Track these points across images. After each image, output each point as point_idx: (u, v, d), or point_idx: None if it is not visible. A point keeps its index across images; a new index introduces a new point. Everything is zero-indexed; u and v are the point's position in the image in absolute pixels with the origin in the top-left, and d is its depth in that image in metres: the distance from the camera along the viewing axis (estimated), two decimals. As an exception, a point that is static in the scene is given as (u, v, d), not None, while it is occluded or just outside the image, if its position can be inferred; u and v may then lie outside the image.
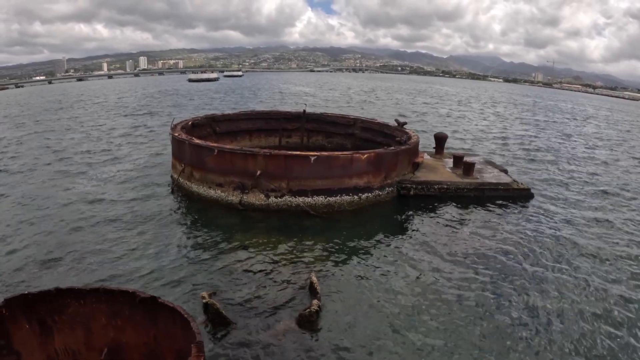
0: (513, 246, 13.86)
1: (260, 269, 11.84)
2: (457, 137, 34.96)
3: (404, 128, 22.00)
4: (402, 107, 62.33)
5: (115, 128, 38.72)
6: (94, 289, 6.16)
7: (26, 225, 14.92)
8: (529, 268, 12.44)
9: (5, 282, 10.94)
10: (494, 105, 77.59)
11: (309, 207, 15.94)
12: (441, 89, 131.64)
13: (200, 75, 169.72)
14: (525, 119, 54.45)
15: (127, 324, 6.16)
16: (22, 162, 24.61)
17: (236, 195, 16.26)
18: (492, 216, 16.50)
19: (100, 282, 11.03)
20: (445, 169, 20.07)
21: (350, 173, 16.45)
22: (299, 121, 26.10)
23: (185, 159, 17.76)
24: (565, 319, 10.01)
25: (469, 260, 12.74)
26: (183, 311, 5.59)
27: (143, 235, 14.12)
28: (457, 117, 51.24)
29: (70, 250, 12.80)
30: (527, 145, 33.87)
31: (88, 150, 27.93)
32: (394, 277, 11.72)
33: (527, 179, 21.88)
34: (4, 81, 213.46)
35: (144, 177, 20.97)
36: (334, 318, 9.72)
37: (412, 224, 15.73)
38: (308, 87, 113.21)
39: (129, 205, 16.82)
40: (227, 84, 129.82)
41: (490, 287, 11.30)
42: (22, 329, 5.91)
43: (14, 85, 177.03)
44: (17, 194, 18.22)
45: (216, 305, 9.27)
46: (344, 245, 13.63)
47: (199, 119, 23.65)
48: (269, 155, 16.00)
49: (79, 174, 21.62)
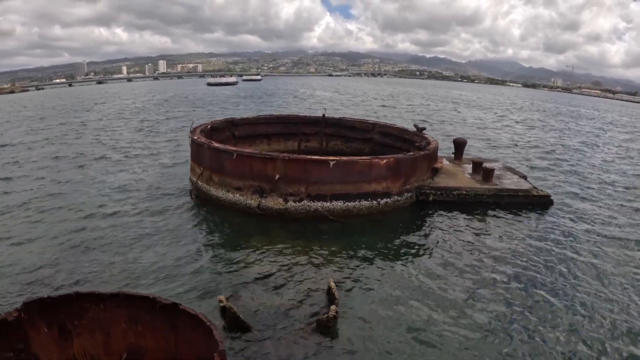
0: (532, 254, 13.64)
1: (278, 274, 11.79)
2: (477, 143, 34.69)
3: (423, 133, 21.86)
4: (421, 112, 62.04)
5: (134, 130, 38.98)
6: (113, 294, 6.13)
7: (43, 225, 15.05)
8: (547, 277, 12.24)
9: (22, 284, 10.99)
10: (513, 111, 76.97)
11: (328, 212, 15.87)
12: (460, 94, 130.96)
13: (219, 79, 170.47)
14: (546, 125, 53.95)
15: (146, 330, 6.12)
16: (41, 164, 24.85)
17: (255, 199, 16.23)
18: (511, 223, 16.28)
19: (117, 283, 11.07)
20: (464, 175, 19.90)
21: (369, 178, 16.35)
22: (317, 125, 26.05)
23: (204, 162, 17.77)
24: (582, 330, 9.84)
25: (487, 269, 12.57)
26: (205, 318, 5.53)
27: (161, 238, 14.14)
28: (476, 123, 50.88)
29: (86, 252, 12.88)
30: (547, 151, 33.50)
31: (106, 152, 28.15)
32: (412, 284, 11.59)
33: (547, 185, 21.62)
34: (25, 83, 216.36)
35: (163, 180, 21.04)
36: (351, 324, 9.63)
37: (431, 230, 15.59)
38: (326, 92, 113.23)
39: (147, 208, 16.87)
40: (245, 88, 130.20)
41: (509, 295, 11.12)
42: (41, 333, 5.89)
43: (35, 88, 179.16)
44: (35, 197, 18.35)
45: (233, 309, 9.23)
46: (362, 251, 13.52)
47: (218, 123, 23.68)
48: (288, 159, 15.96)
49: (97, 176, 21.77)
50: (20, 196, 18.29)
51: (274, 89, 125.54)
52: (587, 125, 57.74)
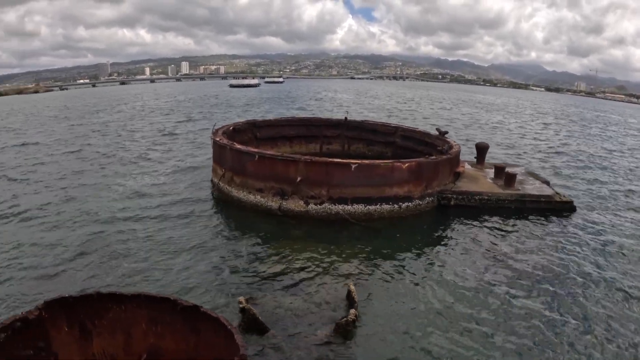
0: (554, 262, 13.40)
1: (298, 276, 11.76)
2: (499, 147, 34.40)
3: (445, 137, 21.73)
4: (443, 116, 61.74)
5: (156, 131, 39.27)
6: (135, 295, 6.14)
7: (64, 226, 15.18)
8: (568, 285, 12.04)
9: (43, 284, 11.10)
10: (538, 116, 76.25)
11: (349, 215, 15.81)
12: (483, 97, 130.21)
13: (241, 80, 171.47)
14: (570, 130, 53.37)
15: (167, 331, 6.12)
16: (62, 165, 25.14)
17: (276, 201, 16.24)
18: (533, 229, 16.06)
19: (136, 283, 11.12)
20: (486, 180, 19.72)
21: (390, 182, 16.28)
22: (339, 128, 26.03)
23: (226, 163, 17.82)
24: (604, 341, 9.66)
25: (508, 275, 12.40)
26: (226, 322, 5.50)
27: (181, 238, 14.19)
28: (499, 127, 50.49)
29: (107, 252, 12.95)
30: (571, 157, 33.08)
31: (127, 153, 28.41)
32: (432, 289, 11.47)
33: (570, 191, 21.33)
34: (49, 83, 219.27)
35: (184, 181, 21.16)
36: (371, 328, 9.56)
37: (452, 235, 15.46)
38: (348, 94, 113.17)
39: (168, 209, 16.96)
40: (267, 90, 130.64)
41: (528, 306, 10.92)
42: (62, 332, 5.90)
43: (59, 88, 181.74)
44: (56, 197, 18.55)
45: (253, 311, 9.22)
46: (383, 255, 13.44)
47: (240, 124, 23.77)
48: (310, 162, 15.95)
49: (118, 177, 21.93)
50: (40, 197, 18.46)
51: (296, 91, 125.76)
52: (612, 131, 56.97)
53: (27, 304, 9.68)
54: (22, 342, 5.46)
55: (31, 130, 40.96)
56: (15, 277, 11.32)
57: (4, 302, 10.12)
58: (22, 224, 15.32)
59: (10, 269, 11.80)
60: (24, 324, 5.49)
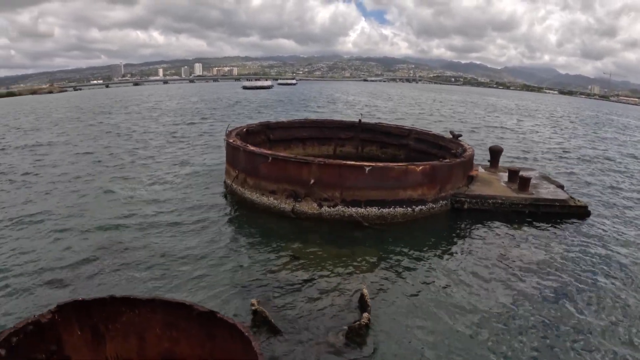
0: (567, 266, 13.25)
1: (311, 279, 11.72)
2: (513, 151, 34.18)
3: (459, 140, 21.62)
4: (456, 118, 61.48)
5: (168, 133, 39.40)
6: (149, 299, 6.12)
7: (76, 229, 15.18)
8: (582, 290, 11.88)
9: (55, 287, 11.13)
10: (552, 119, 75.76)
11: (362, 218, 15.75)
12: (497, 100, 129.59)
13: (254, 82, 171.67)
14: (585, 134, 52.95)
15: (182, 336, 6.08)
16: (75, 166, 25.29)
17: (289, 203, 16.21)
18: (547, 234, 15.90)
19: (150, 285, 11.12)
20: (500, 183, 19.57)
21: (404, 185, 16.20)
22: (353, 130, 25.99)
23: (239, 165, 17.82)
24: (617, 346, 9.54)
25: (522, 279, 12.28)
26: (244, 328, 5.44)
27: (194, 240, 14.20)
28: (513, 130, 50.17)
29: (120, 254, 12.98)
30: (585, 161, 32.76)
31: (140, 155, 28.48)
32: (446, 293, 11.40)
33: (585, 196, 21.15)
34: (63, 84, 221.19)
35: (197, 183, 21.17)
36: (383, 333, 9.48)
37: (466, 239, 15.35)
38: (362, 97, 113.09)
39: (182, 211, 16.97)
40: (281, 92, 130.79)
41: (540, 310, 10.78)
42: (74, 335, 5.88)
43: (73, 88, 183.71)
44: (67, 200, 18.64)
45: (265, 313, 9.23)
46: (396, 258, 13.35)
47: (254, 126, 23.79)
48: (324, 164, 15.90)
49: (132, 179, 22.00)
50: (52, 200, 18.49)
51: (309, 93, 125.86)
52: (627, 135, 56.48)
53: (40, 307, 9.71)
54: (34, 345, 5.43)
55: (44, 131, 41.22)
56: (28, 281, 11.33)
57: (17, 305, 10.15)
58: (34, 227, 15.33)
59: (23, 272, 11.82)
60: (37, 327, 5.46)
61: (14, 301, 10.26)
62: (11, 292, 10.64)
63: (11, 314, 9.63)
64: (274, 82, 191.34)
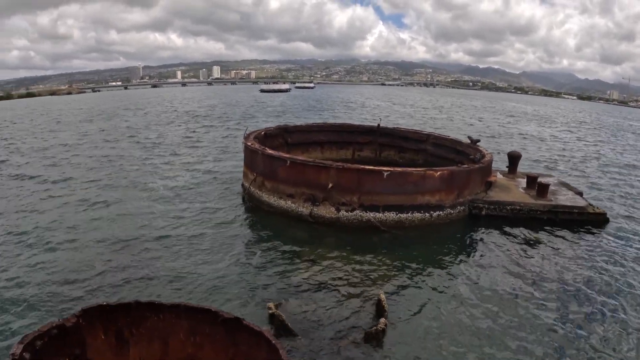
0: (585, 276, 13.07)
1: (328, 283, 11.70)
2: (531, 156, 33.95)
3: (477, 145, 21.52)
4: (475, 124, 61.18)
5: (186, 136, 39.65)
6: (174, 305, 6.15)
7: (92, 229, 15.38)
8: (600, 299, 11.69)
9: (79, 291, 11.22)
10: (572, 124, 75.09)
11: (380, 223, 15.71)
12: (515, 106, 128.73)
13: (272, 85, 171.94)
14: (605, 140, 52.37)
15: (206, 342, 6.11)
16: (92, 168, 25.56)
17: (307, 207, 16.22)
18: (565, 241, 15.74)
19: (168, 288, 11.18)
20: (518, 190, 19.42)
21: (422, 190, 16.13)
22: (371, 135, 25.96)
23: (257, 168, 17.86)
24: None
25: (540, 287, 12.17)
26: (270, 336, 5.47)
27: (212, 242, 14.30)
28: (532, 136, 49.79)
29: (139, 257, 13.07)
30: (605, 167, 32.38)
31: (157, 157, 28.70)
32: (463, 299, 11.33)
33: (604, 203, 20.91)
34: (82, 85, 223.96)
35: (215, 185, 21.31)
36: (400, 339, 9.45)
37: (484, 245, 15.25)
38: (379, 101, 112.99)
39: (199, 213, 17.08)
40: (298, 95, 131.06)
41: (557, 319, 10.68)
42: (98, 339, 5.92)
43: (91, 90, 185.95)
44: (85, 200, 18.84)
45: (282, 317, 9.23)
46: (413, 264, 13.30)
47: (272, 130, 23.84)
48: (342, 168, 15.89)
49: (149, 181, 22.18)
50: (71, 204, 18.56)
51: (327, 97, 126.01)
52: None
53: (64, 311, 9.81)
54: (58, 348, 5.46)
55: (64, 132, 41.61)
56: (49, 283, 11.45)
57: (41, 308, 10.24)
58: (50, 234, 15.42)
59: (45, 275, 11.94)
60: (61, 330, 5.50)
61: (37, 307, 10.33)
62: (34, 299, 10.70)
63: (35, 320, 9.71)
64: (292, 86, 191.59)
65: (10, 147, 33.29)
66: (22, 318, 9.75)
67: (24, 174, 23.91)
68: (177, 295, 10.70)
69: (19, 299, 10.59)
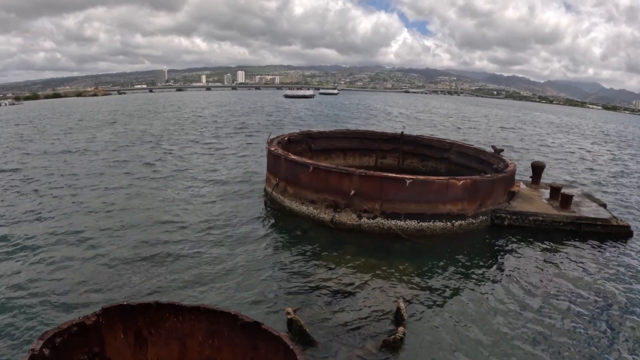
0: (607, 289, 12.83)
1: (347, 290, 11.69)
2: (556, 167, 33.63)
3: (501, 155, 21.37)
4: (499, 134, 60.73)
5: (210, 140, 39.89)
6: (194, 307, 6.18)
7: (112, 232, 15.58)
8: (621, 315, 11.51)
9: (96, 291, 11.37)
10: (597, 136, 74.21)
11: (401, 231, 15.67)
12: (538, 115, 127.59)
13: (296, 91, 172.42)
14: (631, 153, 51.64)
15: (224, 345, 6.14)
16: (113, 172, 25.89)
17: (328, 213, 16.24)
18: (588, 254, 15.50)
19: (188, 291, 11.24)
20: (541, 200, 19.26)
21: (444, 199, 16.05)
22: (394, 142, 25.92)
23: (280, 173, 17.94)
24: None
25: (560, 300, 11.99)
26: (289, 342, 5.48)
27: (233, 246, 14.39)
28: (557, 147, 49.30)
29: (158, 260, 13.19)
30: (630, 180, 31.98)
31: (178, 160, 29.03)
32: (482, 311, 11.22)
33: (628, 215, 20.56)
34: (108, 87, 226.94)
35: (238, 189, 21.42)
36: (418, 348, 9.41)
37: (505, 256, 15.10)
38: (403, 109, 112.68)
39: (222, 216, 17.20)
40: (322, 101, 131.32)
41: (580, 327, 10.61)
42: (117, 338, 5.99)
43: (117, 92, 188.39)
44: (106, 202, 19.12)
45: (300, 322, 9.21)
46: (434, 273, 13.24)
47: (295, 135, 23.93)
48: (365, 175, 15.87)
49: (170, 184, 22.41)
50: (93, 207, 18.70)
51: (351, 103, 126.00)
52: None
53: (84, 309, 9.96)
54: (78, 346, 5.52)
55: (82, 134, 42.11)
56: (70, 283, 11.63)
57: (62, 306, 10.42)
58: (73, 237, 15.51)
59: (67, 275, 12.14)
60: (81, 328, 5.56)
61: (58, 306, 10.49)
62: (55, 298, 10.86)
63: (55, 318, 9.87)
64: (316, 92, 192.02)
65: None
66: (43, 316, 9.91)
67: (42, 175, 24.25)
68: (196, 298, 10.77)
69: (41, 297, 10.78)
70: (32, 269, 12.50)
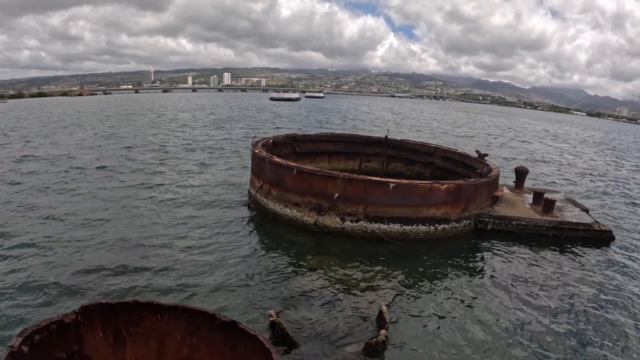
0: (590, 293, 13.00)
1: (330, 293, 11.68)
2: (538, 172, 33.84)
3: (485, 160, 21.49)
4: (483, 138, 61.06)
5: (193, 142, 39.73)
6: (172, 306, 6.20)
7: (97, 232, 15.43)
8: (605, 316, 11.65)
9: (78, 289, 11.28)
10: (581, 142, 74.82)
11: (384, 234, 15.71)
12: (525, 121, 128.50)
13: (282, 94, 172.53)
14: (614, 159, 52.08)
15: (202, 344, 6.17)
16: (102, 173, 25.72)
17: (312, 216, 16.23)
18: (570, 258, 15.66)
19: (167, 291, 11.22)
20: (525, 205, 19.37)
21: (428, 203, 16.10)
22: (379, 146, 25.99)
23: (264, 176, 17.91)
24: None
25: (543, 303, 12.10)
26: (265, 340, 5.51)
27: (215, 248, 14.34)
28: (540, 152, 49.63)
29: (141, 261, 13.11)
30: (612, 185, 32.22)
31: (165, 164, 28.83)
32: (465, 313, 11.30)
33: (610, 220, 20.82)
34: (94, 87, 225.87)
35: (221, 191, 21.40)
36: (400, 351, 9.43)
37: (488, 260, 15.18)
38: (389, 113, 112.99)
39: (204, 219, 17.13)
40: (308, 105, 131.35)
41: (561, 331, 10.70)
42: (96, 337, 5.98)
43: (103, 92, 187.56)
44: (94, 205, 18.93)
45: (283, 325, 9.20)
46: (416, 276, 13.27)
47: (280, 138, 23.90)
48: (349, 179, 15.90)
49: (155, 187, 22.21)
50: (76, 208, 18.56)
51: (336, 107, 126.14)
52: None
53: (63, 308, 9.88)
54: (56, 344, 5.52)
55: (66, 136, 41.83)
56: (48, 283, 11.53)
57: (42, 304, 10.37)
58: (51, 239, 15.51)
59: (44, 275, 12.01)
60: (60, 326, 5.56)
61: (38, 305, 10.42)
62: (37, 296, 10.80)
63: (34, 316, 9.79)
64: (302, 95, 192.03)
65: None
66: (22, 314, 9.84)
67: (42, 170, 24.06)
68: (177, 299, 10.74)
69: (20, 296, 10.70)
70: (9, 267, 12.37)
